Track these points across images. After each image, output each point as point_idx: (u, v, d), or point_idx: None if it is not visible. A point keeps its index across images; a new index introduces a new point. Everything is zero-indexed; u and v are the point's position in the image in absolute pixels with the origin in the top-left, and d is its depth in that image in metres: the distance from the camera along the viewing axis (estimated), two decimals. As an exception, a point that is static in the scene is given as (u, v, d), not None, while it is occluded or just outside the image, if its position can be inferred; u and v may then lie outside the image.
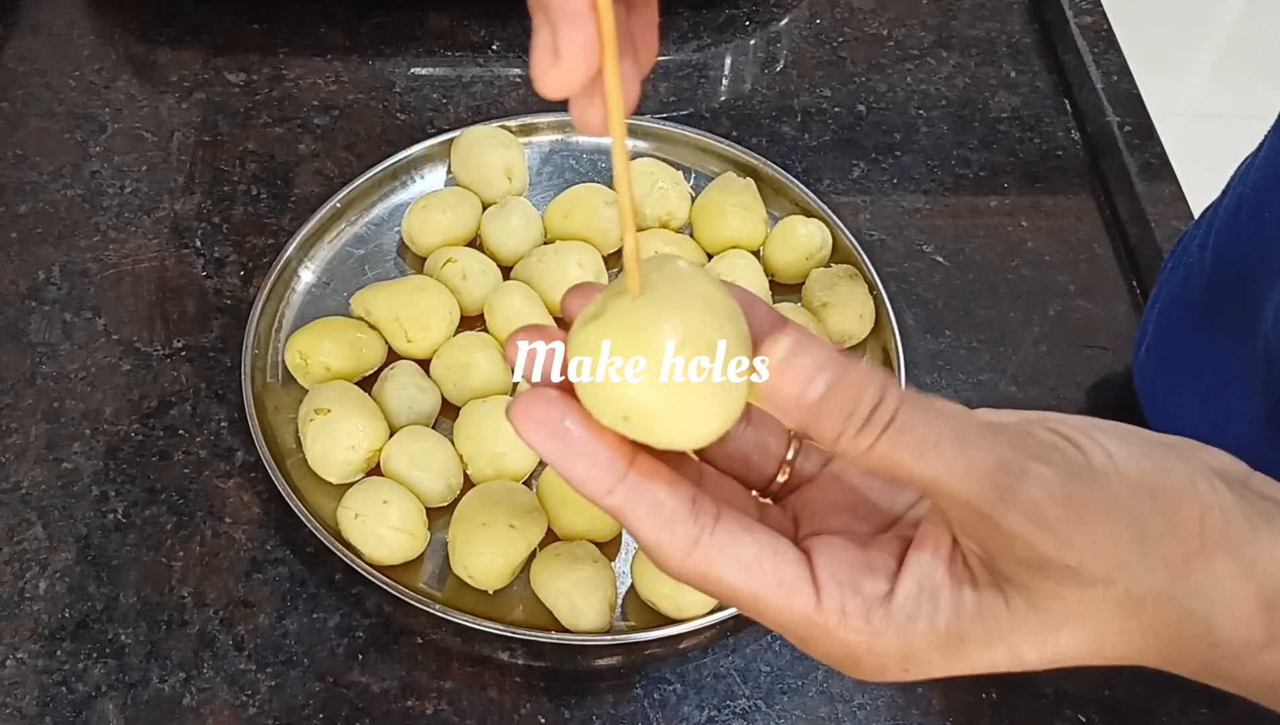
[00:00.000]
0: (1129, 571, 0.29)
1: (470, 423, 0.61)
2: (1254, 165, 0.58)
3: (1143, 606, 0.29)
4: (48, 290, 0.69)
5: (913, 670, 0.30)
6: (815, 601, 0.30)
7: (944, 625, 0.30)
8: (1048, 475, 0.28)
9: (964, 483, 0.27)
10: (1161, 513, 0.29)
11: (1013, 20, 0.88)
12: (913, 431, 0.28)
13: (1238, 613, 0.30)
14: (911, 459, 0.28)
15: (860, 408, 0.27)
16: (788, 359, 0.27)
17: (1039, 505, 0.28)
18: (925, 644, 0.30)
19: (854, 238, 0.70)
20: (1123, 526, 0.28)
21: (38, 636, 0.56)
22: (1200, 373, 0.61)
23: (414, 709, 0.55)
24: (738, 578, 0.30)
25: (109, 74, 0.80)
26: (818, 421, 0.28)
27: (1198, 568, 0.29)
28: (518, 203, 0.70)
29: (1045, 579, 0.29)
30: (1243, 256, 0.57)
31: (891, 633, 0.30)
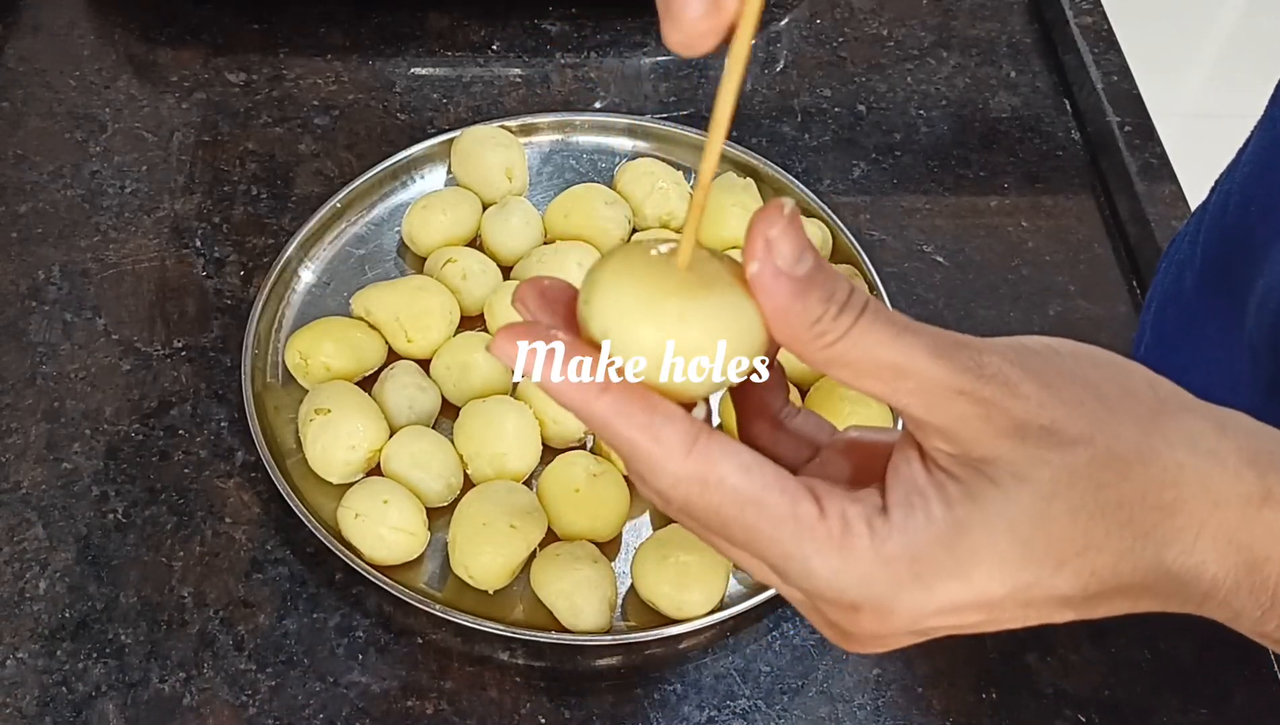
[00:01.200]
0: (1104, 428, 0.29)
1: (470, 423, 0.61)
2: (1240, 161, 0.58)
3: (1131, 466, 0.29)
4: (48, 290, 0.69)
5: (924, 575, 0.29)
6: (818, 509, 0.29)
7: (940, 515, 0.29)
8: (1003, 349, 0.29)
9: (933, 358, 0.28)
10: (1112, 379, 0.30)
11: (1013, 20, 0.88)
12: (886, 316, 0.28)
13: (1226, 463, 0.29)
14: (887, 338, 0.28)
15: (840, 290, 0.28)
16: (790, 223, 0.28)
17: (1003, 372, 0.28)
18: (928, 539, 0.29)
19: (854, 238, 0.70)
20: (1081, 388, 0.29)
21: (38, 636, 0.56)
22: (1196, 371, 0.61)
23: (414, 709, 0.55)
24: (739, 478, 0.29)
25: (109, 74, 0.80)
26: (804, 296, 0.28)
27: (1168, 422, 0.29)
28: (518, 203, 0.70)
29: (1024, 443, 0.28)
30: (1229, 252, 0.58)
31: (895, 534, 0.29)
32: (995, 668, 0.58)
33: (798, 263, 0.28)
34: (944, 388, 0.28)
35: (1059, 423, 0.28)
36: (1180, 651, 0.59)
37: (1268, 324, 0.53)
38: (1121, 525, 0.29)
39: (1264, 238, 0.54)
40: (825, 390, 0.63)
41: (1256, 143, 0.57)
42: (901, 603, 0.29)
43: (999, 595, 0.29)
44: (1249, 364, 0.56)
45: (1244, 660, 0.59)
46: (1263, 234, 0.54)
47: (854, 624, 0.30)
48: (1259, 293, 0.54)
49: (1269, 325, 0.53)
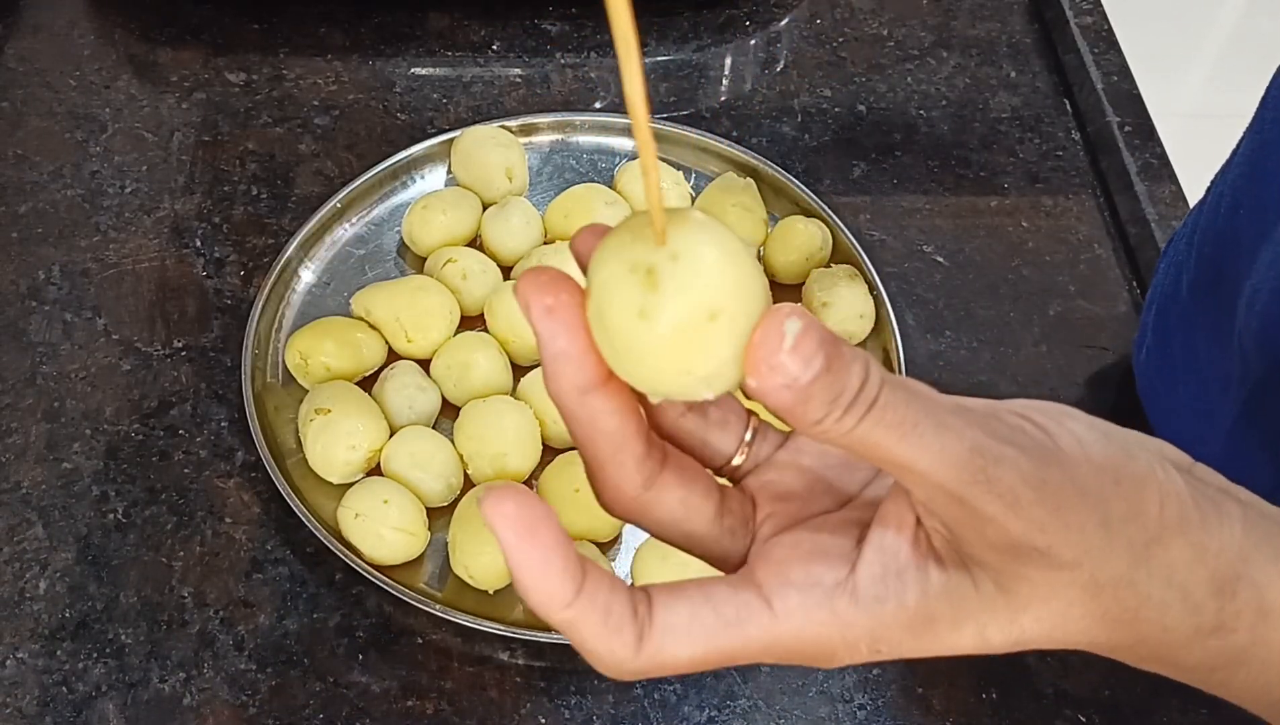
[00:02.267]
0: (1095, 556, 0.29)
1: (470, 423, 0.61)
2: (1233, 163, 0.59)
3: (1105, 591, 0.30)
4: (48, 290, 0.69)
5: (882, 651, 0.30)
6: (770, 614, 0.30)
7: (913, 604, 0.29)
8: (1021, 460, 0.28)
9: (941, 466, 0.27)
10: (1125, 498, 0.29)
11: (1013, 20, 0.88)
12: (894, 413, 0.27)
13: (1190, 597, 0.30)
14: (892, 441, 0.27)
15: (848, 389, 0.27)
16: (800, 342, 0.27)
17: (1013, 489, 0.28)
18: (895, 624, 0.30)
19: (854, 238, 0.70)
20: (1090, 511, 0.29)
21: (38, 636, 0.56)
22: (1191, 371, 0.61)
23: (414, 709, 0.55)
24: (687, 652, 0.30)
25: (109, 74, 0.80)
26: (807, 403, 0.27)
27: (1157, 553, 0.30)
28: (518, 203, 0.70)
29: (1014, 561, 0.29)
30: (1221, 253, 0.58)
31: (860, 617, 0.30)
32: (995, 668, 0.58)
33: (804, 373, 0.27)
34: (948, 496, 0.28)
35: (1055, 548, 0.29)
36: (1180, 651, 0.59)
37: (1255, 325, 0.54)
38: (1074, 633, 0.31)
39: (1252, 239, 0.55)
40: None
41: (1247, 144, 0.57)
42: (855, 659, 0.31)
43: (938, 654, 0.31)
44: (1238, 364, 0.56)
45: (1244, 660, 0.59)
46: (1251, 235, 0.55)
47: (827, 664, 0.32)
48: (1246, 293, 0.54)
49: (1256, 326, 0.54)
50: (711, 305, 0.27)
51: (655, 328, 0.27)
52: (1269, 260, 0.52)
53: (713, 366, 0.28)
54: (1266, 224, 0.53)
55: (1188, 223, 0.65)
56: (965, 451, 0.27)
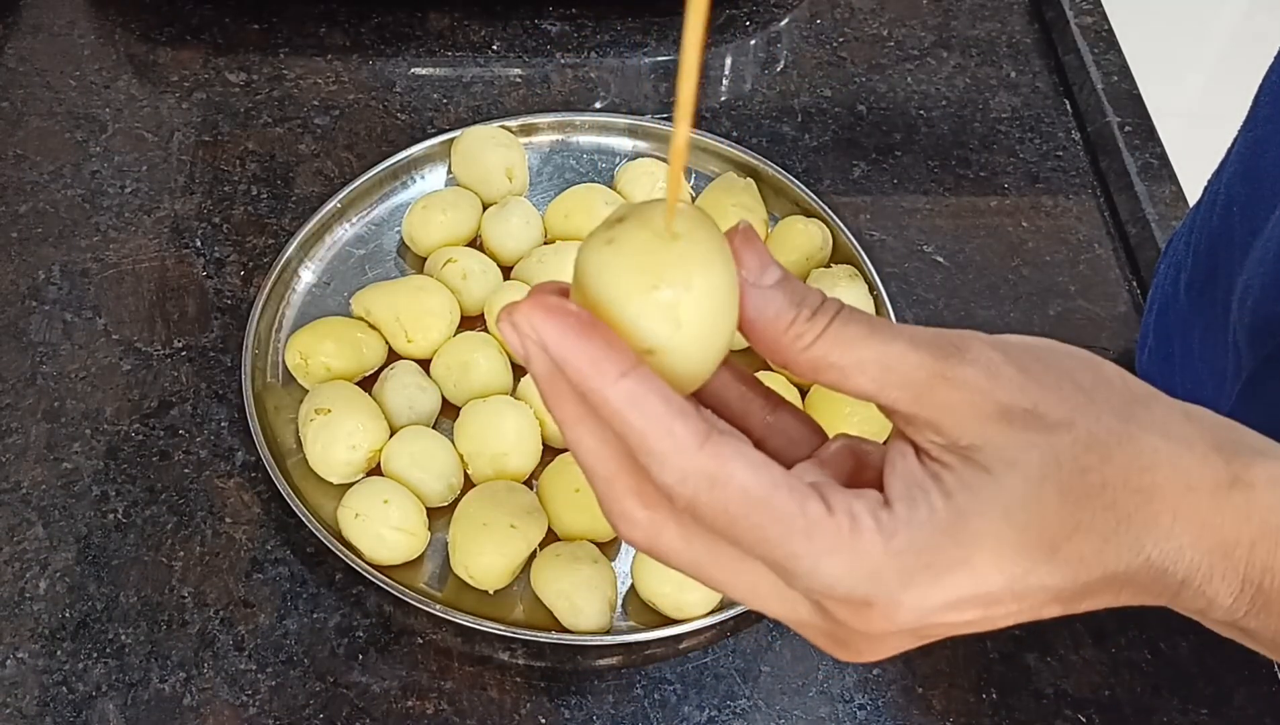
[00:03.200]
0: (1083, 413, 0.29)
1: (471, 423, 0.61)
2: (1227, 162, 0.59)
3: (1110, 449, 0.29)
4: (48, 290, 0.69)
5: (934, 565, 0.29)
6: (825, 506, 0.29)
7: (941, 506, 0.29)
8: (982, 337, 0.30)
9: (914, 347, 0.29)
10: (1085, 367, 0.30)
11: (1013, 20, 0.88)
12: (860, 315, 0.29)
13: (1195, 448, 0.30)
14: (864, 333, 0.29)
15: (810, 296, 0.29)
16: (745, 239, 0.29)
17: (985, 356, 0.29)
18: (933, 530, 0.29)
19: (854, 238, 0.70)
20: (1059, 375, 0.30)
21: (38, 636, 0.56)
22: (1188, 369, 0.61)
23: (414, 709, 0.55)
24: (749, 475, 0.28)
25: (109, 74, 0.80)
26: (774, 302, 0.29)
27: (1140, 410, 0.30)
28: (518, 203, 0.70)
29: (1011, 427, 0.29)
30: (1216, 252, 0.58)
31: (901, 528, 0.29)
32: (995, 668, 0.58)
33: (762, 274, 0.29)
34: (927, 375, 0.29)
35: (1041, 406, 0.29)
36: (1180, 652, 0.59)
37: (1247, 320, 0.54)
38: (1105, 508, 0.29)
39: (1244, 236, 0.55)
40: (825, 391, 0.63)
41: (1241, 143, 0.57)
42: (910, 596, 0.29)
43: (998, 586, 0.30)
44: (1233, 361, 0.56)
45: (1244, 660, 0.59)
46: (1244, 233, 0.55)
47: (862, 621, 0.30)
48: (1239, 290, 0.55)
49: (1248, 322, 0.54)
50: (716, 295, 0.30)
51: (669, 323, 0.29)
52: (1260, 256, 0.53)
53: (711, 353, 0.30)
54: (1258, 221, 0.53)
55: (1185, 223, 0.65)
56: (931, 334, 0.29)
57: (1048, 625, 0.59)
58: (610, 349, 0.28)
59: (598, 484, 0.30)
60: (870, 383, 0.29)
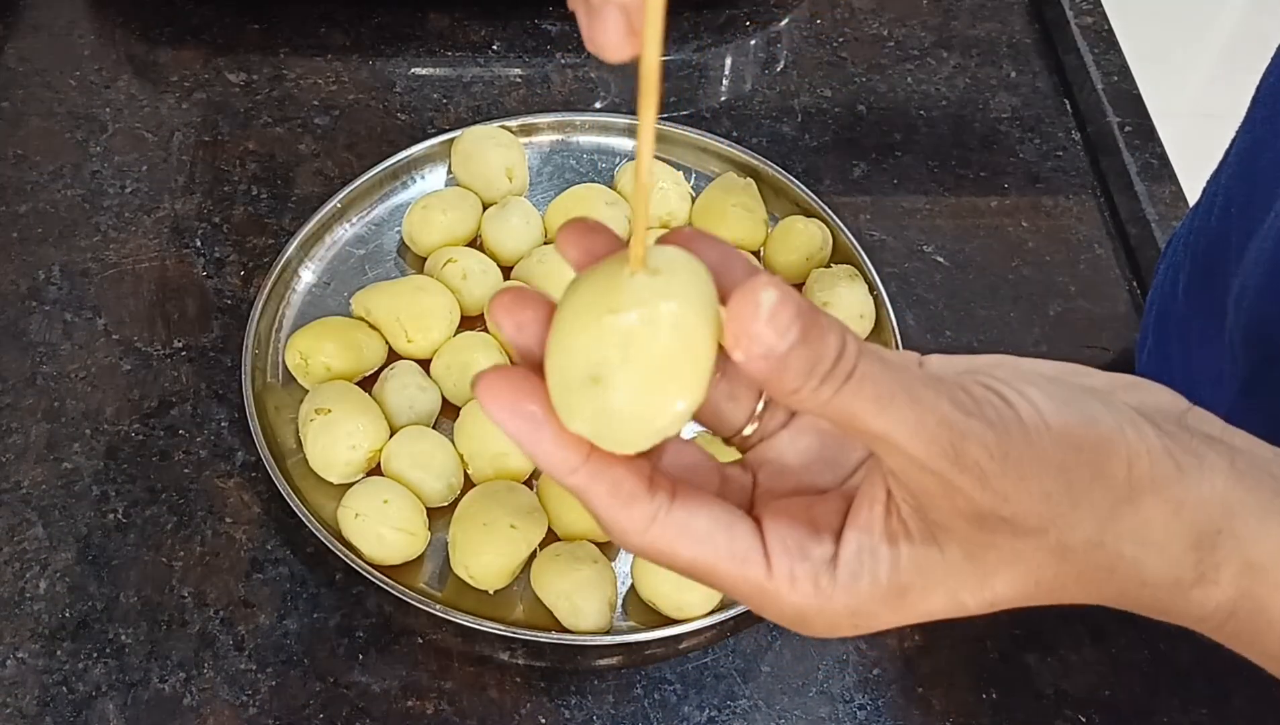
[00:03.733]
0: (1060, 522, 0.30)
1: (471, 423, 0.61)
2: (1226, 163, 0.59)
3: (1074, 553, 0.30)
4: (48, 290, 0.69)
5: (861, 624, 0.32)
6: (766, 570, 0.31)
7: (885, 579, 0.31)
8: (986, 434, 0.29)
9: (915, 438, 0.28)
10: (1088, 464, 0.30)
11: (1013, 20, 0.88)
12: (871, 385, 0.28)
13: (1167, 553, 0.31)
14: (869, 413, 0.28)
15: (824, 359, 0.28)
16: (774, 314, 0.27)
17: (979, 463, 0.29)
18: (869, 599, 0.31)
19: (854, 238, 0.70)
20: (1052, 480, 0.29)
21: (38, 636, 0.56)
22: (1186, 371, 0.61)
23: (414, 709, 0.55)
24: (691, 551, 0.31)
25: (109, 74, 0.80)
26: (783, 372, 0.27)
27: (1126, 513, 0.30)
28: (518, 203, 0.70)
29: (981, 530, 0.30)
30: (1213, 253, 0.58)
31: (839, 594, 0.31)
32: (995, 668, 0.58)
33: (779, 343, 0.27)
34: (919, 467, 0.29)
35: (1019, 517, 0.29)
36: (1180, 652, 0.59)
37: (1243, 321, 0.54)
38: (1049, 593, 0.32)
39: (1241, 237, 0.55)
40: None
41: (1239, 144, 0.57)
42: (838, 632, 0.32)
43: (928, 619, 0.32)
44: (1230, 363, 0.56)
45: (1244, 660, 0.59)
46: (1240, 234, 0.55)
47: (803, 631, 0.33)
48: (1235, 291, 0.55)
49: (1244, 324, 0.54)
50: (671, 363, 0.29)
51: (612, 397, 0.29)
52: (1256, 258, 0.53)
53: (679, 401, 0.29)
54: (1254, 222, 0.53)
55: (1184, 224, 0.65)
56: (935, 424, 0.28)
57: (1048, 625, 0.59)
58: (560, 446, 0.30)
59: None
60: (863, 442, 0.30)
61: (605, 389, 0.28)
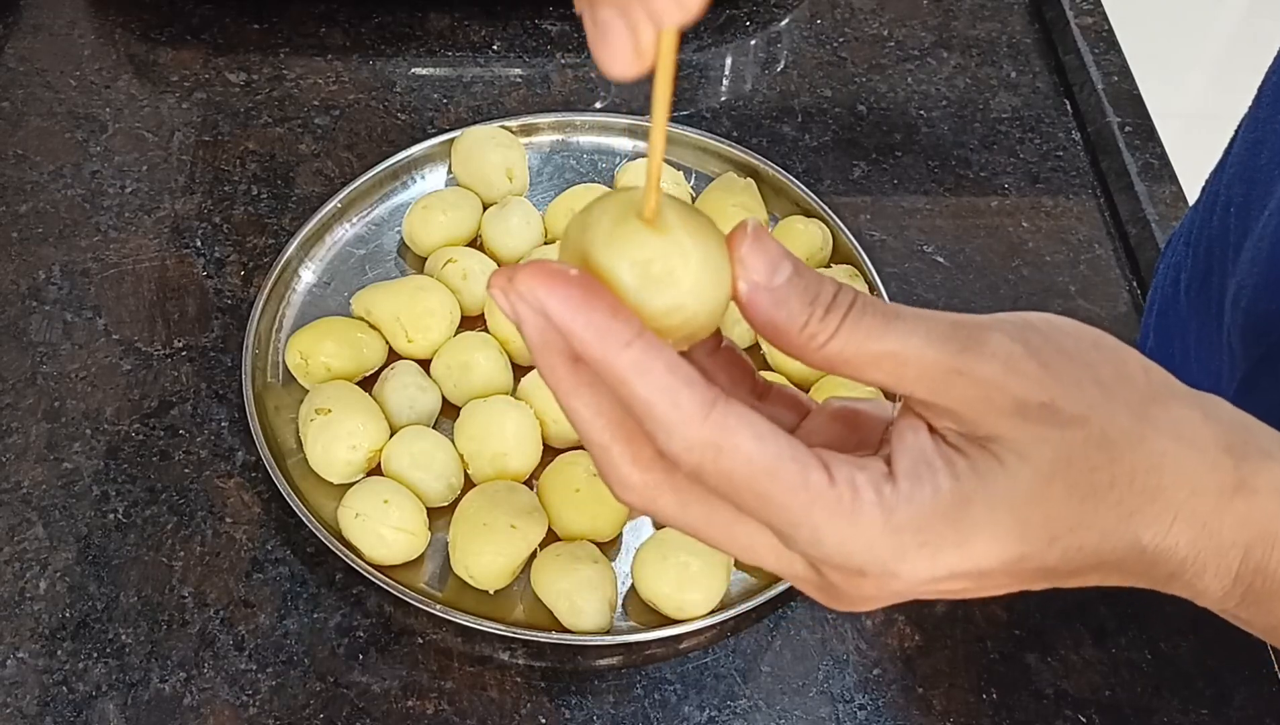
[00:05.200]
0: (1099, 410, 0.29)
1: (471, 423, 0.61)
2: (1227, 163, 0.59)
3: (1121, 450, 0.30)
4: (48, 290, 0.69)
5: (930, 543, 0.29)
6: (828, 477, 0.29)
7: (947, 488, 0.29)
8: (1004, 325, 0.29)
9: (930, 341, 0.28)
10: (1109, 361, 0.30)
11: (1013, 21, 0.88)
12: (875, 307, 0.29)
13: (1206, 453, 0.30)
14: (879, 328, 0.28)
15: (824, 292, 0.29)
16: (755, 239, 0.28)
17: (1004, 348, 0.29)
18: (934, 510, 0.29)
19: (854, 238, 0.70)
20: (1081, 369, 0.30)
21: (38, 636, 0.56)
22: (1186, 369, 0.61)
23: (414, 709, 0.55)
24: (754, 446, 0.28)
25: (109, 74, 0.80)
26: (786, 304, 0.28)
27: (1157, 411, 0.30)
28: (518, 203, 0.70)
29: (1025, 421, 0.29)
30: (1212, 251, 0.58)
31: (902, 504, 0.29)
32: (995, 668, 0.58)
33: (773, 274, 0.29)
34: (944, 370, 0.28)
35: (1058, 401, 0.29)
36: (1180, 652, 0.59)
37: (1240, 321, 0.54)
38: (1110, 506, 0.30)
39: (1239, 236, 0.55)
40: (826, 391, 0.63)
41: (1240, 143, 0.57)
42: (904, 569, 0.29)
43: (991, 566, 0.30)
44: (1228, 363, 0.56)
45: (1244, 660, 0.59)
46: (1238, 233, 0.55)
47: (854, 587, 0.31)
48: (1231, 291, 0.55)
49: (1241, 322, 0.54)
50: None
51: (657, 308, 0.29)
52: (1253, 257, 0.53)
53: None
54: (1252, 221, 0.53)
55: (1184, 223, 0.65)
56: (948, 325, 0.29)
57: (1048, 625, 0.59)
58: (615, 316, 0.28)
59: (593, 449, 0.31)
60: (885, 377, 0.29)
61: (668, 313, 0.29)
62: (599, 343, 0.28)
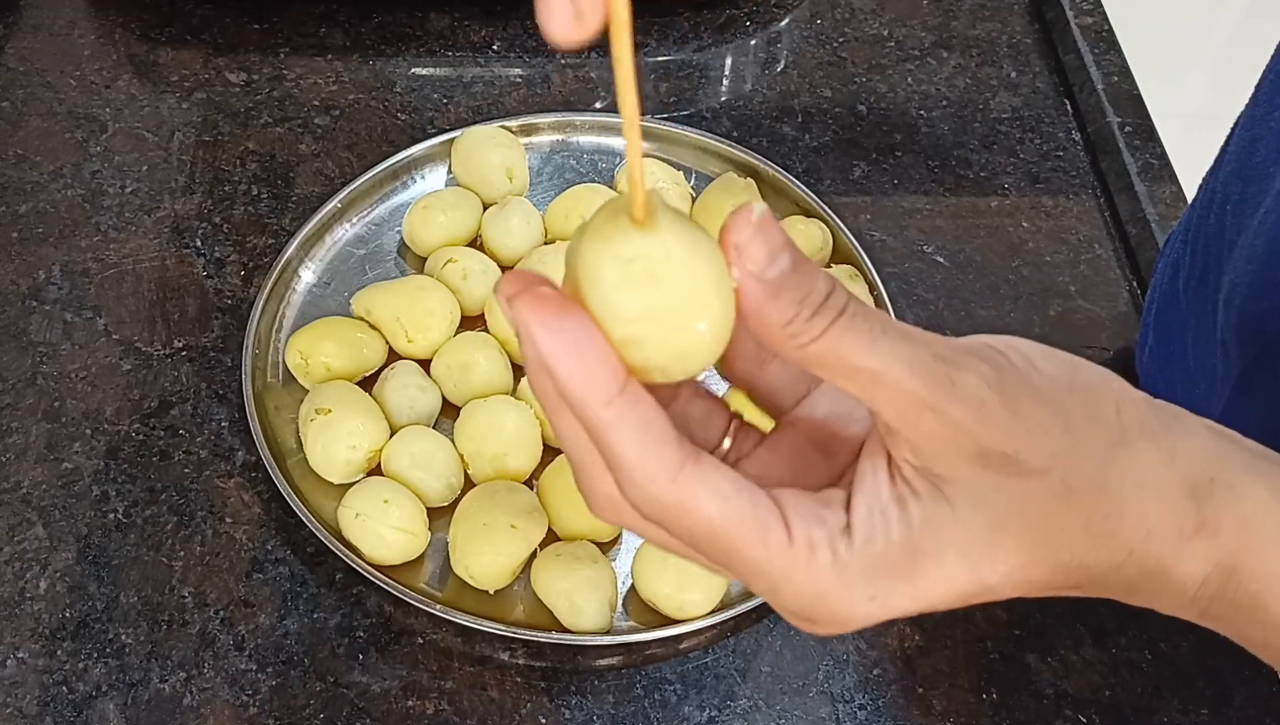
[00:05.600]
0: (1062, 461, 0.30)
1: (471, 423, 0.61)
2: (1223, 161, 0.59)
3: (1079, 496, 0.30)
4: (48, 290, 0.69)
5: (878, 601, 0.30)
6: (787, 537, 0.30)
7: (899, 539, 0.30)
8: (982, 367, 0.29)
9: (910, 372, 0.28)
10: (1082, 403, 0.30)
11: (1013, 21, 0.88)
12: (863, 321, 0.29)
13: (1166, 498, 0.31)
14: (863, 345, 0.28)
15: (816, 292, 0.28)
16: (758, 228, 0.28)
17: (978, 394, 0.29)
18: (884, 563, 0.30)
19: (854, 238, 0.70)
20: (1050, 416, 0.30)
21: (38, 636, 0.56)
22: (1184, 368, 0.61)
23: (414, 709, 0.55)
24: (716, 508, 0.29)
25: (109, 74, 0.80)
26: (778, 298, 0.28)
27: (1123, 456, 0.30)
28: (518, 203, 0.70)
29: (985, 469, 0.29)
30: (1209, 251, 0.58)
31: (855, 560, 0.30)
32: (995, 668, 0.58)
33: (770, 265, 0.28)
34: (918, 403, 0.28)
35: (1021, 453, 0.29)
36: (1180, 652, 0.59)
37: (1234, 320, 0.54)
38: (1060, 549, 0.31)
39: (1232, 236, 0.55)
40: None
41: (1236, 141, 0.57)
42: (855, 615, 0.31)
43: (941, 602, 0.31)
44: (1223, 362, 0.56)
45: (1244, 661, 0.58)
46: (1232, 231, 0.55)
47: (809, 627, 0.32)
48: (1225, 289, 0.55)
49: (1235, 321, 0.54)
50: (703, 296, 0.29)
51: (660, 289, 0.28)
52: (1247, 255, 0.52)
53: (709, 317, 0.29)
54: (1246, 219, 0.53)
55: (1182, 221, 0.65)
56: (930, 358, 0.29)
57: (1048, 625, 0.59)
58: (600, 368, 0.28)
59: (573, 463, 0.31)
60: (858, 390, 0.29)
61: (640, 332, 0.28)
62: (580, 393, 0.28)
